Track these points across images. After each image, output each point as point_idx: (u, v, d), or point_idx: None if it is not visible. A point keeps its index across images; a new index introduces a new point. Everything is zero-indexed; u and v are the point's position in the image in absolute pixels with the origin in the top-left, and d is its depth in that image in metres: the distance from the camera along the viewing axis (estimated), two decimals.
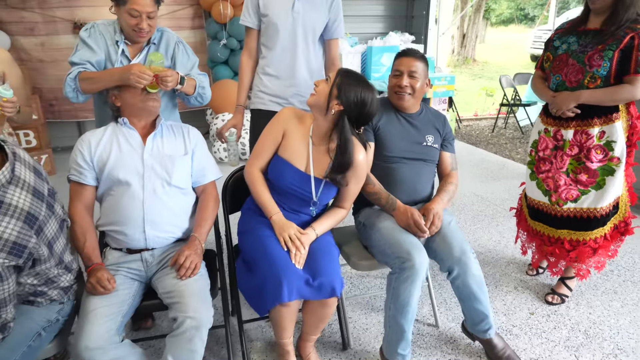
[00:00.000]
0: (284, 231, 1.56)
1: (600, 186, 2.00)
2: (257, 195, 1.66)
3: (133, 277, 1.55)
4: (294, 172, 1.63)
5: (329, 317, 1.63)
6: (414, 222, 1.69)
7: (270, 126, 1.68)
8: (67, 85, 1.75)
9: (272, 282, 1.44)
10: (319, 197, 1.65)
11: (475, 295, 1.69)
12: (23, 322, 1.31)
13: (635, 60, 1.83)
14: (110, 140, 1.61)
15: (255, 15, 2.07)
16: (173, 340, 1.39)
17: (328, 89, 1.55)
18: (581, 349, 1.89)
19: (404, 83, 1.79)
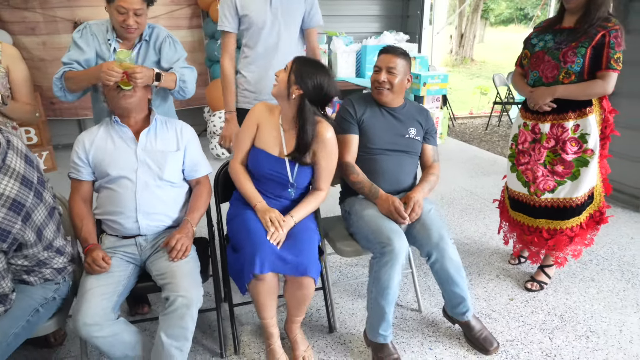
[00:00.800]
0: (266, 214, 1.66)
1: (576, 177, 2.10)
2: (240, 187, 1.79)
3: (128, 260, 1.64)
4: (269, 158, 1.74)
5: (308, 298, 1.71)
6: (394, 208, 1.78)
7: (245, 122, 1.81)
8: (55, 85, 1.84)
9: (248, 257, 1.54)
10: (295, 178, 1.75)
11: (453, 279, 1.79)
12: (22, 299, 1.42)
13: (606, 57, 1.92)
14: (104, 138, 1.70)
15: (234, 18, 2.15)
16: (165, 318, 1.49)
17: (287, 77, 1.66)
18: (555, 331, 1.98)
19: (382, 79, 1.89)
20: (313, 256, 1.62)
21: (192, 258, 1.64)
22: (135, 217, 1.66)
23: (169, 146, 1.75)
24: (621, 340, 1.92)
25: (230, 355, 1.87)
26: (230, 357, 1.87)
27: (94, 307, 1.45)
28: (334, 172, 1.83)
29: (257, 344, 1.94)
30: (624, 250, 2.67)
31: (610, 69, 1.93)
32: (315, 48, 2.30)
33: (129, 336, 1.52)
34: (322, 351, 1.89)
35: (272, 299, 1.70)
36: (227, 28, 2.17)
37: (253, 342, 1.95)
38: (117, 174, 1.65)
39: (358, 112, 1.95)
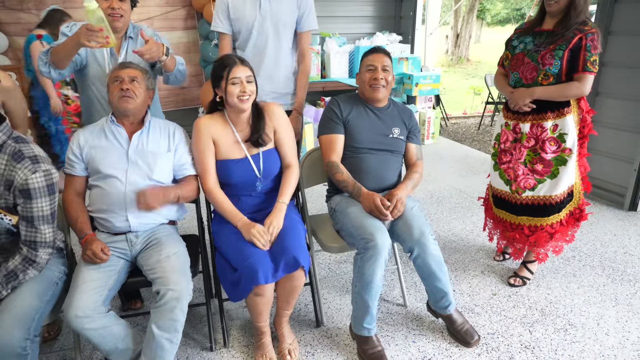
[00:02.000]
0: (249, 232, 1.68)
1: (555, 175, 2.16)
2: (219, 207, 1.79)
3: (119, 255, 1.70)
4: (236, 164, 1.79)
5: (298, 290, 1.78)
6: (375, 205, 1.84)
7: (199, 141, 1.79)
8: (40, 60, 1.80)
9: (246, 274, 1.59)
10: (263, 172, 1.82)
11: (435, 274, 1.85)
12: (44, 271, 1.54)
13: (583, 60, 1.99)
14: (99, 136, 1.75)
15: (227, 20, 2.20)
16: (156, 311, 1.55)
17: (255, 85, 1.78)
18: (535, 324, 2.05)
19: (380, 76, 1.95)
20: (301, 247, 1.68)
21: (182, 253, 1.70)
22: (126, 216, 1.71)
23: (160, 147, 1.79)
24: (598, 333, 1.99)
25: (220, 348, 1.93)
26: (220, 350, 1.92)
27: (85, 300, 1.50)
28: (296, 144, 1.92)
29: (246, 337, 2.00)
30: (606, 246, 2.74)
31: (586, 72, 1.99)
32: (304, 51, 2.33)
33: (118, 329, 1.58)
34: (309, 344, 1.95)
35: (268, 307, 1.78)
36: (220, 29, 2.23)
37: (242, 336, 2.01)
38: (107, 172, 1.70)
39: (344, 112, 2.01)
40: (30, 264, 1.48)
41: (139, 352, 1.61)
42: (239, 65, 1.72)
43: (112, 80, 1.71)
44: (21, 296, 1.43)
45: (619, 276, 2.42)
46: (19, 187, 1.38)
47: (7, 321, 1.36)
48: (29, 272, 1.48)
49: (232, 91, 1.71)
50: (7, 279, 1.44)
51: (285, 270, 1.64)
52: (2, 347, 1.33)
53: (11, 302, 1.41)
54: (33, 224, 1.44)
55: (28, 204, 1.41)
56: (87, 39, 1.62)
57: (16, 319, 1.38)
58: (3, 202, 1.41)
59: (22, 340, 1.36)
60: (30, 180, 1.38)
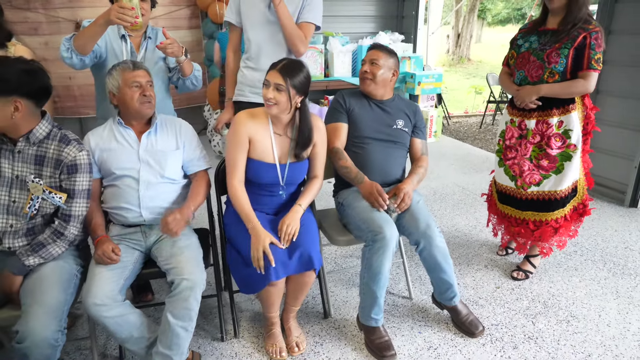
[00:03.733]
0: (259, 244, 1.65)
1: (560, 171, 2.21)
2: (238, 206, 1.77)
3: (134, 246, 1.75)
4: (267, 167, 1.82)
5: (307, 287, 1.82)
6: (377, 191, 1.88)
7: (234, 137, 1.77)
8: (62, 45, 1.82)
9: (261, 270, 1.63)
10: (286, 181, 1.84)
11: (440, 266, 1.89)
12: (64, 265, 1.60)
13: (587, 58, 2.03)
14: (108, 139, 1.78)
15: (236, 11, 2.24)
16: (171, 300, 1.59)
17: (286, 95, 1.69)
18: (538, 316, 2.09)
19: (365, 69, 2.03)
20: (315, 249, 1.72)
21: (195, 245, 1.74)
22: (140, 212, 1.76)
23: (169, 145, 1.83)
24: (599, 324, 2.03)
25: (230, 339, 1.98)
26: (231, 340, 1.97)
27: (102, 289, 1.55)
28: (325, 156, 1.94)
29: (255, 328, 2.04)
30: (607, 242, 2.79)
31: (591, 69, 2.04)
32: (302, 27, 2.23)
33: (134, 317, 1.62)
34: (317, 335, 2.00)
35: (280, 298, 1.83)
36: (230, 19, 2.26)
37: (252, 327, 2.06)
38: (120, 172, 1.75)
39: (347, 103, 2.07)
40: (58, 237, 1.57)
41: (153, 341, 1.65)
42: (273, 71, 1.72)
43: (129, 84, 1.72)
44: (50, 290, 1.48)
45: (619, 270, 2.46)
46: (67, 164, 1.57)
47: (41, 315, 1.40)
48: (57, 244, 1.57)
49: (262, 94, 1.75)
50: (33, 247, 1.54)
51: (298, 268, 1.69)
52: (39, 340, 1.37)
53: (42, 296, 1.45)
54: (73, 197, 1.59)
55: (72, 178, 1.58)
56: (117, 16, 1.66)
57: (49, 313, 1.42)
58: (53, 182, 1.57)
59: (55, 332, 1.41)
60: (78, 157, 1.59)
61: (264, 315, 1.92)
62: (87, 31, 1.79)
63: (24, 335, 1.37)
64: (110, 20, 1.70)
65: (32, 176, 1.55)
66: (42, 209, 1.58)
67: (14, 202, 1.56)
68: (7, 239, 1.56)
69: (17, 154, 1.56)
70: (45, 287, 1.47)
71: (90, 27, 1.78)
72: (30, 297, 1.44)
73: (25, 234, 1.58)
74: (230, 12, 2.26)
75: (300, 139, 1.80)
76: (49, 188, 1.56)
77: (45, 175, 1.56)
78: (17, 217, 1.56)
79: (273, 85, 1.70)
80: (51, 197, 1.57)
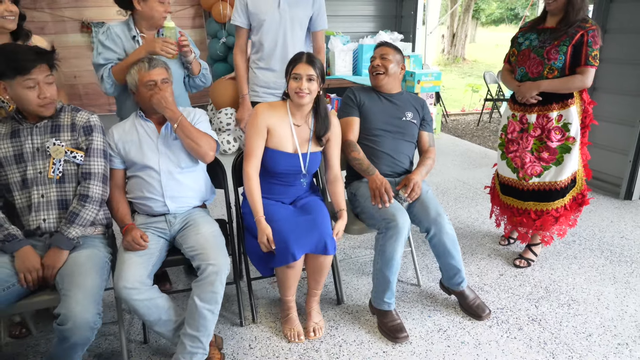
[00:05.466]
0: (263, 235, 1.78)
1: (559, 162, 2.32)
2: (249, 194, 1.87)
3: (159, 234, 1.83)
4: (286, 157, 1.91)
5: (326, 269, 1.92)
6: (385, 188, 1.97)
7: (253, 126, 1.87)
8: (106, 82, 1.98)
9: (280, 247, 1.74)
10: (307, 168, 1.95)
11: (449, 252, 2.00)
12: (97, 252, 1.68)
13: (585, 54, 2.15)
14: (130, 131, 1.87)
15: (245, 15, 2.35)
16: (198, 284, 1.68)
17: (317, 84, 1.85)
18: (541, 300, 2.20)
19: (377, 63, 2.14)
20: (330, 234, 1.82)
21: (218, 232, 1.83)
22: (164, 202, 1.85)
23: None
24: (599, 307, 2.15)
25: (249, 324, 2.07)
26: (249, 325, 2.06)
27: (133, 273, 1.64)
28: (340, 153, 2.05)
29: (272, 314, 2.14)
30: (604, 232, 2.91)
31: (588, 65, 2.15)
32: (321, 47, 2.50)
33: (162, 301, 1.71)
34: (332, 320, 2.09)
35: (297, 281, 1.92)
36: (238, 22, 2.37)
37: (269, 312, 2.15)
38: (142, 164, 1.84)
39: (358, 98, 2.18)
40: (84, 199, 1.68)
41: (179, 324, 1.74)
42: (301, 63, 1.83)
43: (144, 83, 1.80)
44: (88, 275, 1.56)
45: (616, 258, 2.58)
46: (82, 125, 1.75)
47: (81, 299, 1.48)
48: (86, 207, 1.67)
49: (291, 86, 1.84)
50: (68, 219, 1.65)
51: (315, 250, 1.79)
52: (80, 322, 1.45)
53: (81, 281, 1.53)
54: (90, 155, 1.73)
55: (90, 137, 1.74)
56: (162, 49, 1.91)
57: (88, 296, 1.50)
58: (72, 144, 1.72)
59: (94, 315, 1.49)
60: (91, 119, 1.77)
61: (281, 299, 2.01)
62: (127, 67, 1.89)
63: (65, 318, 1.44)
64: (155, 52, 1.90)
65: (53, 139, 1.68)
66: (66, 172, 1.70)
67: (41, 173, 1.67)
68: (42, 210, 1.66)
69: (35, 128, 1.69)
70: (82, 272, 1.56)
71: (132, 60, 1.89)
72: (68, 282, 1.52)
73: (57, 206, 1.68)
74: (237, 15, 2.36)
75: (320, 123, 1.92)
76: (70, 148, 1.70)
77: (65, 139, 1.71)
78: (45, 186, 1.67)
79: (305, 77, 1.82)
80: (72, 156, 1.70)
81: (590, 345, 1.90)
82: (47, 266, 1.58)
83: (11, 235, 1.60)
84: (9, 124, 1.69)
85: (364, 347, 1.92)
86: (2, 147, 1.66)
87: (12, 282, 1.55)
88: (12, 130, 1.68)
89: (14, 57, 1.57)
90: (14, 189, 1.66)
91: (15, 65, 1.56)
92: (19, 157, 1.67)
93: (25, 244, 1.61)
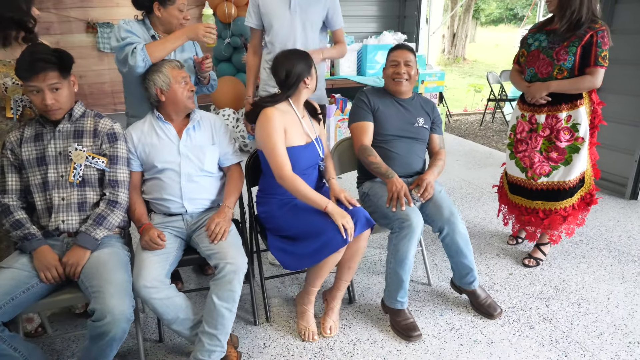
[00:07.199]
0: (343, 217, 1.77)
1: (568, 162, 2.34)
2: (303, 195, 1.82)
3: (176, 234, 1.85)
4: (302, 150, 1.93)
5: (361, 252, 1.91)
6: (404, 192, 1.97)
7: (275, 133, 1.83)
8: (138, 56, 1.84)
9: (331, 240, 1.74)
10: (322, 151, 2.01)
11: (462, 251, 2.02)
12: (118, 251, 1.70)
13: (594, 55, 2.16)
14: (149, 134, 1.89)
15: (257, 15, 2.37)
16: (216, 283, 1.69)
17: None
18: (551, 299, 2.23)
19: (402, 70, 2.13)
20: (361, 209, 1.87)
21: (234, 231, 1.85)
22: (182, 203, 1.87)
23: (206, 141, 1.94)
24: (609, 306, 2.17)
25: (262, 323, 2.09)
26: (263, 324, 2.08)
27: (151, 272, 1.65)
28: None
29: (285, 313, 2.15)
30: (611, 231, 2.93)
31: (598, 66, 2.17)
32: (342, 43, 2.51)
33: (179, 300, 1.72)
34: (345, 318, 2.11)
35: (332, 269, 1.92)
36: (250, 24, 2.39)
37: (282, 311, 2.16)
38: (162, 166, 1.85)
39: (372, 102, 2.18)
40: (113, 205, 1.73)
41: (196, 322, 1.75)
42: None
43: (178, 80, 1.84)
44: (116, 271, 1.59)
45: (624, 257, 2.60)
46: (106, 132, 1.77)
47: (115, 293, 1.50)
48: (114, 213, 1.73)
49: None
50: (96, 221, 1.68)
51: (361, 228, 1.81)
52: (118, 315, 1.46)
53: (111, 276, 1.55)
54: (116, 164, 1.77)
55: (114, 145, 1.78)
56: (204, 35, 1.93)
57: (121, 290, 1.53)
58: (94, 150, 1.74)
59: (130, 307, 1.51)
60: (115, 127, 1.80)
61: (304, 291, 2.03)
62: (169, 45, 1.91)
63: (102, 313, 1.45)
64: (197, 36, 1.92)
65: (75, 144, 1.70)
66: (87, 177, 1.72)
67: (62, 177, 1.70)
68: (61, 212, 1.68)
69: (57, 132, 1.71)
70: (109, 269, 1.58)
71: (172, 41, 1.91)
72: (98, 279, 1.54)
73: (77, 209, 1.70)
74: (249, 17, 2.39)
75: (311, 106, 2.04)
76: (91, 154, 1.72)
77: (87, 144, 1.73)
78: (66, 190, 1.69)
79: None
80: (94, 162, 1.73)
81: (602, 344, 1.92)
82: (71, 264, 1.59)
83: (31, 234, 1.62)
84: (33, 127, 1.71)
85: (378, 346, 1.93)
86: (26, 150, 1.68)
87: (32, 283, 1.56)
88: (35, 133, 1.70)
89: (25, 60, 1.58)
90: (35, 191, 1.69)
91: (23, 69, 1.58)
92: (41, 160, 1.69)
93: (43, 243, 1.63)
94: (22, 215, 1.66)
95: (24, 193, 1.71)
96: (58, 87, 1.63)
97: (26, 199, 1.71)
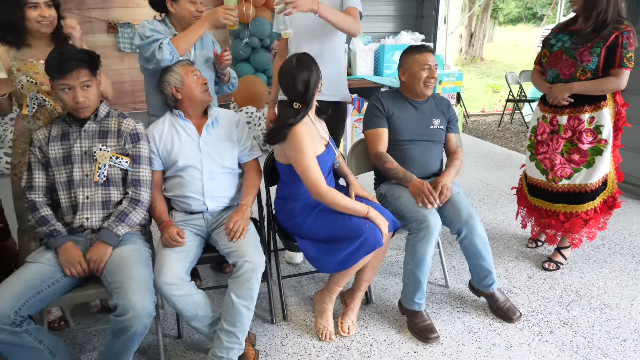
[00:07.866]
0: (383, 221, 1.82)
1: (590, 165, 2.30)
2: (343, 207, 1.80)
3: (196, 232, 1.88)
4: (325, 156, 1.91)
5: (384, 252, 1.96)
6: (427, 190, 1.97)
7: (307, 150, 1.79)
8: (165, 50, 1.85)
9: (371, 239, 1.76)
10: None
11: (480, 253, 2.00)
12: (139, 248, 1.73)
13: (619, 56, 2.12)
14: (170, 132, 1.91)
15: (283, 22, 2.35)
16: (234, 281, 1.71)
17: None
18: (572, 304, 2.19)
19: (434, 75, 2.10)
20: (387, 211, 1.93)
21: (253, 230, 1.87)
22: (203, 201, 1.90)
23: (226, 137, 1.96)
24: (632, 312, 2.12)
25: (279, 321, 2.10)
26: (280, 323, 2.09)
27: (172, 270, 1.68)
28: None
29: (302, 312, 2.16)
30: (634, 236, 2.87)
31: (623, 67, 2.13)
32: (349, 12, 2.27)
33: (199, 297, 1.75)
34: (362, 319, 2.11)
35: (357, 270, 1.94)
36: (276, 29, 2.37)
37: (299, 310, 2.17)
38: (184, 164, 1.88)
39: (386, 108, 2.16)
40: (136, 203, 1.77)
41: (215, 319, 1.77)
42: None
43: (190, 74, 1.88)
44: (138, 267, 1.62)
45: None
46: (129, 132, 1.81)
47: (137, 289, 1.53)
48: (137, 211, 1.76)
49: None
50: (118, 217, 1.72)
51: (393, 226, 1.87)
52: (140, 311, 1.49)
53: (133, 273, 1.58)
54: (139, 163, 1.81)
55: (137, 145, 1.82)
56: (224, 17, 1.91)
57: (144, 286, 1.56)
58: (118, 150, 1.78)
59: (152, 303, 1.54)
60: (137, 127, 1.84)
61: (326, 290, 2.02)
62: (192, 34, 1.92)
63: (124, 308, 1.48)
64: (217, 20, 1.91)
65: (100, 145, 1.75)
66: (111, 176, 1.76)
67: (87, 176, 1.74)
68: (86, 210, 1.72)
69: (83, 132, 1.75)
70: (130, 265, 1.61)
71: (195, 30, 1.93)
72: (120, 275, 1.57)
73: (101, 207, 1.74)
74: (277, 23, 2.38)
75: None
76: (115, 154, 1.76)
77: (111, 144, 1.77)
78: (91, 189, 1.74)
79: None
80: (118, 162, 1.77)
81: (625, 351, 1.88)
82: (94, 260, 1.62)
83: (56, 231, 1.66)
84: (59, 126, 1.76)
85: (395, 347, 1.93)
86: (53, 148, 1.73)
87: (56, 278, 1.60)
88: (62, 132, 1.75)
89: (55, 59, 1.63)
90: (60, 189, 1.73)
91: (54, 68, 1.63)
92: (66, 159, 1.73)
93: (68, 240, 1.66)
94: (47, 211, 1.70)
95: (49, 190, 1.75)
96: (89, 85, 1.68)
97: (51, 195, 1.75)
